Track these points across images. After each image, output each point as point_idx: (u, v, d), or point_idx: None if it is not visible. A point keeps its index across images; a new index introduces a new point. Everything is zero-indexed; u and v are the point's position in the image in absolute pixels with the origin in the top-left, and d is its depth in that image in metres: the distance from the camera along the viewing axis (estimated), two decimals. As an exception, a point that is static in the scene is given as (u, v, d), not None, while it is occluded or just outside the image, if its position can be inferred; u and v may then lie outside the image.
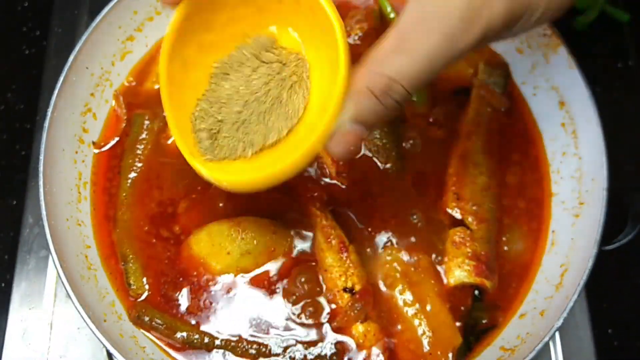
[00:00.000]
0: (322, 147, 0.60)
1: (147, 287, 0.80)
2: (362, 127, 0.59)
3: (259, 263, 0.80)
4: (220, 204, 0.82)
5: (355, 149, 0.61)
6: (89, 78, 0.87)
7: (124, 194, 0.85)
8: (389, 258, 0.80)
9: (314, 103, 0.66)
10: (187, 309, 0.79)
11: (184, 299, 0.80)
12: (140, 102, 0.90)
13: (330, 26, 0.61)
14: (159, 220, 0.83)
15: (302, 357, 0.77)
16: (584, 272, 0.73)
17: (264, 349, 0.77)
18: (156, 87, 0.91)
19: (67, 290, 0.73)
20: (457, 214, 0.81)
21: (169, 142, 0.87)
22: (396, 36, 0.56)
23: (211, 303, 0.79)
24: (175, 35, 0.65)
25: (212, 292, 0.80)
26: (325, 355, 0.77)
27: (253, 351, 0.77)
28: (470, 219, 0.80)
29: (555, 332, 0.71)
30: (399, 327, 0.77)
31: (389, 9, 0.92)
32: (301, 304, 0.79)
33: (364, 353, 0.76)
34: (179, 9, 0.64)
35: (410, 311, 0.78)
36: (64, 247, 0.78)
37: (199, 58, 0.69)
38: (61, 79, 0.82)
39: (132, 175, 0.86)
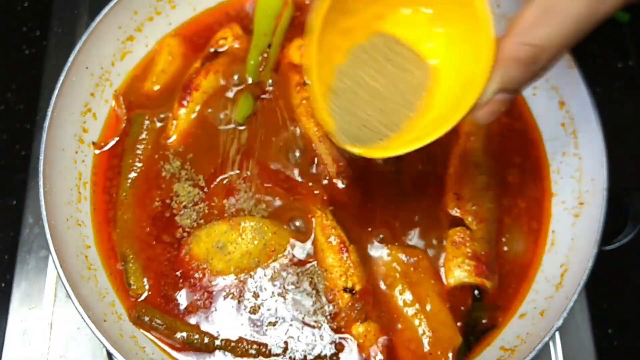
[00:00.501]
0: (465, 115, 0.63)
1: (147, 287, 0.80)
2: (508, 94, 0.61)
3: (259, 263, 0.80)
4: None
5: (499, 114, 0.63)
6: (89, 78, 0.87)
7: (124, 194, 0.85)
8: (389, 258, 0.80)
9: (453, 76, 0.68)
10: (187, 309, 0.79)
11: (184, 299, 0.80)
12: (140, 102, 0.90)
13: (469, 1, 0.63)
14: (159, 221, 0.83)
15: (302, 357, 0.77)
16: (584, 272, 0.74)
17: (264, 349, 0.77)
18: (155, 87, 0.91)
19: (67, 290, 0.73)
20: (457, 214, 0.81)
21: (169, 141, 0.87)
22: (539, 6, 0.57)
23: (211, 303, 0.79)
24: (321, 25, 0.68)
25: (212, 292, 0.80)
26: (325, 355, 0.77)
27: (253, 351, 0.77)
28: (470, 219, 0.81)
29: (555, 332, 0.72)
30: (399, 327, 0.77)
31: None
32: (301, 303, 0.79)
33: (364, 353, 0.76)
34: (323, 2, 0.67)
35: (410, 311, 0.78)
36: (64, 247, 0.78)
37: (340, 42, 0.71)
38: (61, 79, 0.82)
39: (132, 175, 0.85)
